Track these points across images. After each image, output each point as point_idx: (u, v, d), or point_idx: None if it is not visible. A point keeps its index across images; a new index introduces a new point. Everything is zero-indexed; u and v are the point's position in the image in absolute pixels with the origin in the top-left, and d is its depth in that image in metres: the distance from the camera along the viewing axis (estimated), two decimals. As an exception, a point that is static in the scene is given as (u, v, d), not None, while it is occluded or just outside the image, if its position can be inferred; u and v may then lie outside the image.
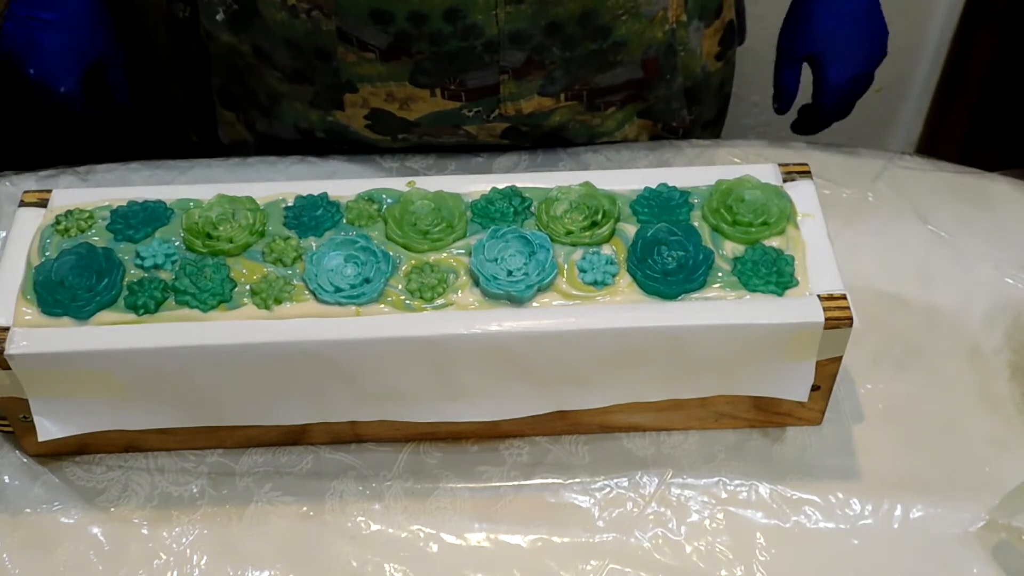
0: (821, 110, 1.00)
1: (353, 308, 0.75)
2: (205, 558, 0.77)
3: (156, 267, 0.77)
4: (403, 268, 0.77)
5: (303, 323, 0.74)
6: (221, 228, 0.79)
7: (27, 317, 0.75)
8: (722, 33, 1.00)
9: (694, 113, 1.03)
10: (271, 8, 0.89)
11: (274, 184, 0.84)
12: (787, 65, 1.00)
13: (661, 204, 0.80)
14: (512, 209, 0.80)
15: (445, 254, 0.78)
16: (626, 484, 0.81)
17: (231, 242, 0.78)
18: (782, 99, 1.01)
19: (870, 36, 0.97)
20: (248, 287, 0.76)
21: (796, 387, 0.78)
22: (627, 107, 0.99)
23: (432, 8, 0.86)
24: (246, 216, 0.79)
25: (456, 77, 0.91)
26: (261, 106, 1.00)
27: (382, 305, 0.75)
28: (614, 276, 0.76)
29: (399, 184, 0.82)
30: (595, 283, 0.76)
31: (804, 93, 1.02)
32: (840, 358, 0.77)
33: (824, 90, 0.98)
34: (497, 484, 0.81)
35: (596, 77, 0.94)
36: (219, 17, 0.93)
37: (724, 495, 0.80)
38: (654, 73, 0.96)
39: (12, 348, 0.73)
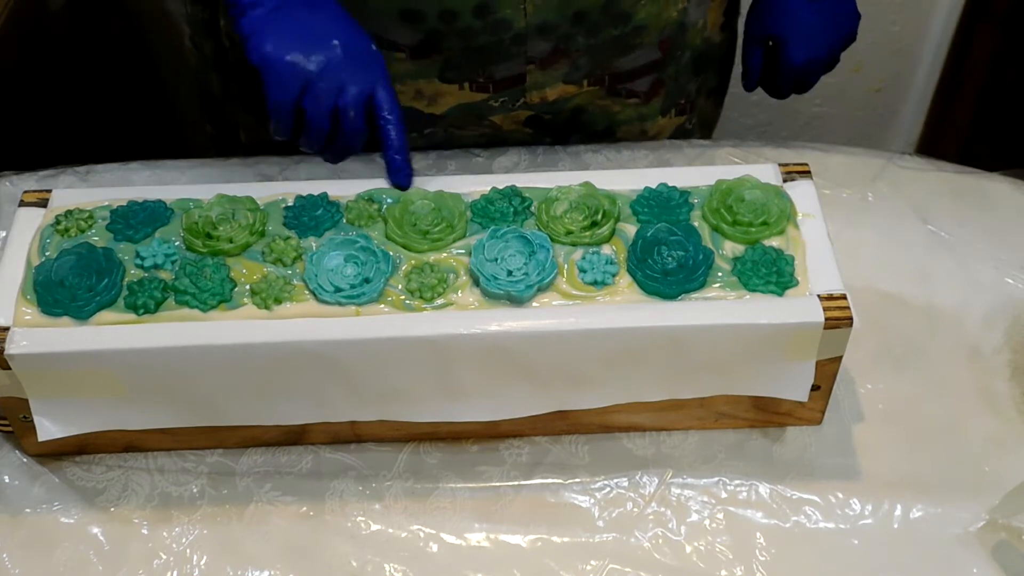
0: (779, 88, 1.02)
1: (353, 308, 0.75)
2: (205, 558, 0.77)
3: (156, 267, 0.77)
4: (403, 268, 0.77)
5: (303, 323, 0.74)
6: (221, 228, 0.79)
7: (27, 317, 0.75)
8: (727, 3, 1.01)
9: (698, 83, 1.04)
10: None
11: (274, 184, 0.84)
12: (752, 46, 1.01)
13: (661, 204, 0.80)
14: (512, 209, 0.80)
15: (445, 254, 0.78)
16: (626, 484, 0.81)
17: (231, 242, 0.78)
18: (748, 79, 1.03)
19: (833, 21, 0.98)
20: (248, 287, 0.76)
21: (796, 387, 0.78)
22: (651, 102, 1.00)
23: (462, 5, 0.86)
24: (246, 216, 0.79)
25: (484, 70, 0.92)
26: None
27: (382, 305, 0.75)
28: (614, 276, 0.76)
29: (399, 184, 0.82)
30: (595, 283, 0.76)
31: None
32: (840, 358, 0.77)
33: (782, 71, 1.00)
34: (497, 484, 0.81)
35: (618, 61, 0.95)
36: None
37: (724, 495, 0.80)
38: (668, 52, 0.97)
39: (12, 348, 0.73)
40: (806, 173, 0.83)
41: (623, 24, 0.92)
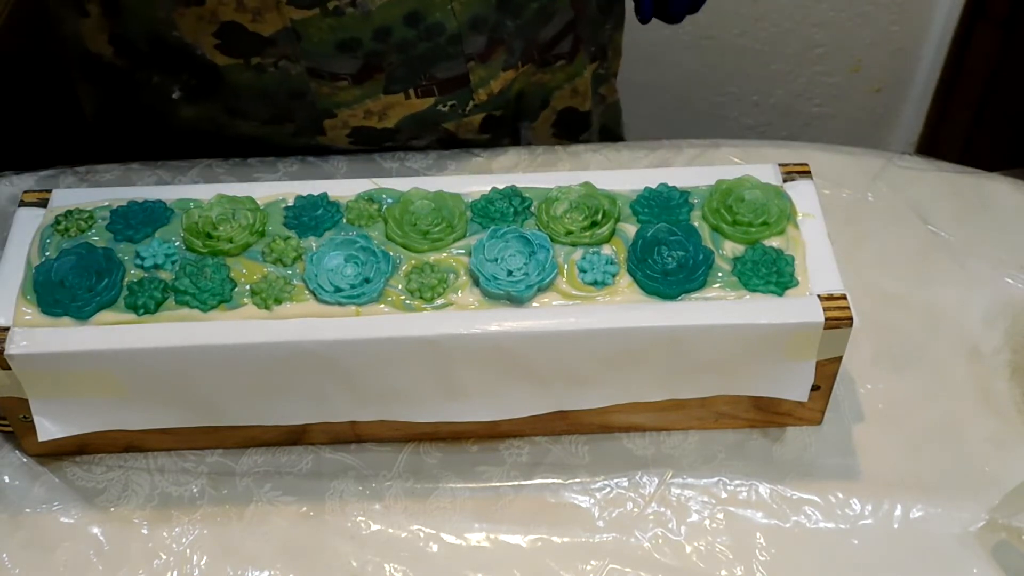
0: (674, 8, 0.94)
1: (353, 308, 0.75)
2: (205, 558, 0.77)
3: (156, 267, 0.77)
4: (403, 268, 0.77)
5: (303, 323, 0.74)
6: (221, 228, 0.79)
7: (27, 317, 0.75)
8: None
9: (613, 18, 1.05)
10: (235, 72, 0.89)
11: (274, 184, 0.84)
12: None
13: (661, 204, 0.80)
14: (512, 209, 0.80)
15: (445, 254, 0.78)
16: (626, 484, 0.81)
17: (231, 242, 0.78)
18: (641, 9, 0.94)
19: None
20: (248, 287, 0.76)
21: (796, 387, 0.78)
22: (576, 60, 1.00)
23: (393, 18, 0.86)
24: (246, 216, 0.79)
25: (425, 73, 0.92)
26: (243, 149, 1.00)
27: (382, 305, 0.75)
28: (614, 276, 0.76)
29: (399, 184, 0.82)
30: (595, 283, 0.76)
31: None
32: (840, 358, 0.77)
33: None
34: (497, 484, 0.81)
35: (540, 33, 0.96)
36: (176, 95, 0.93)
37: (724, 495, 0.80)
38: (583, 8, 0.98)
39: (12, 348, 0.73)
40: (806, 173, 0.83)
41: None
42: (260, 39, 0.87)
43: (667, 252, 0.77)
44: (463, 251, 0.78)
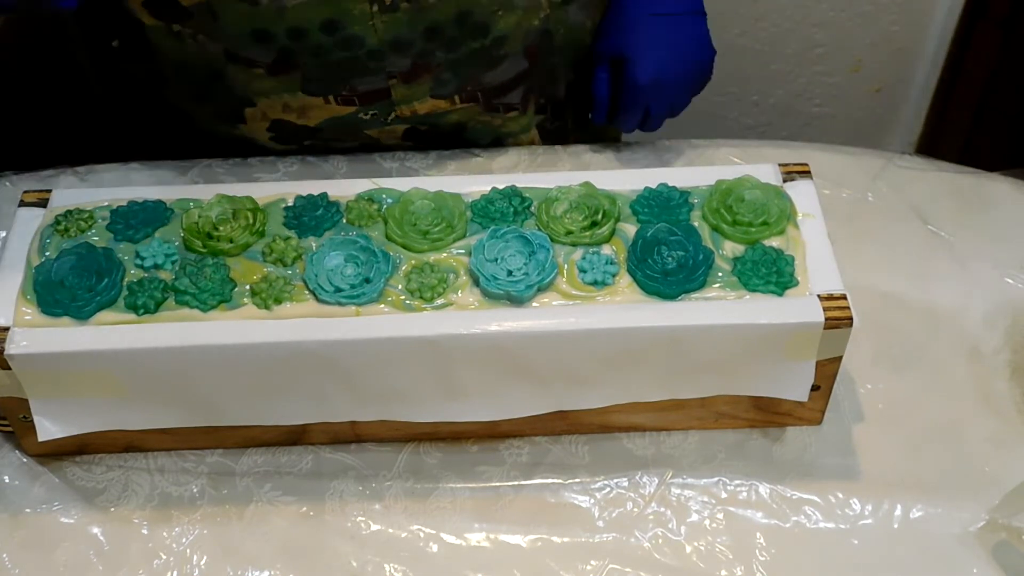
0: (627, 116, 0.96)
1: (353, 308, 0.75)
2: (205, 558, 0.77)
3: (156, 267, 0.77)
4: (403, 268, 0.77)
5: (303, 323, 0.74)
6: (221, 228, 0.79)
7: (27, 317, 0.75)
8: None
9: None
10: (158, 35, 0.90)
11: (274, 184, 0.84)
12: (598, 67, 0.96)
13: (661, 204, 0.80)
14: (512, 209, 0.80)
15: (445, 254, 0.78)
16: (626, 484, 0.81)
17: (231, 242, 0.78)
18: (596, 107, 0.97)
19: (680, 44, 0.93)
20: (248, 287, 0.76)
21: (796, 387, 0.78)
22: (528, 111, 1.00)
23: (309, 22, 0.86)
24: (246, 216, 0.79)
25: (346, 84, 0.92)
26: (175, 120, 1.00)
27: (382, 305, 0.75)
28: (614, 276, 0.76)
29: (399, 184, 0.82)
30: (595, 283, 0.76)
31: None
32: (840, 358, 0.77)
33: (627, 93, 0.94)
34: (497, 484, 0.81)
35: (486, 76, 0.95)
36: (115, 43, 0.94)
37: (724, 495, 0.80)
38: (536, 59, 0.96)
39: (12, 348, 0.73)
40: (806, 173, 0.83)
41: (482, 36, 0.91)
42: (180, 8, 0.87)
43: (667, 252, 0.77)
44: (463, 251, 0.78)
